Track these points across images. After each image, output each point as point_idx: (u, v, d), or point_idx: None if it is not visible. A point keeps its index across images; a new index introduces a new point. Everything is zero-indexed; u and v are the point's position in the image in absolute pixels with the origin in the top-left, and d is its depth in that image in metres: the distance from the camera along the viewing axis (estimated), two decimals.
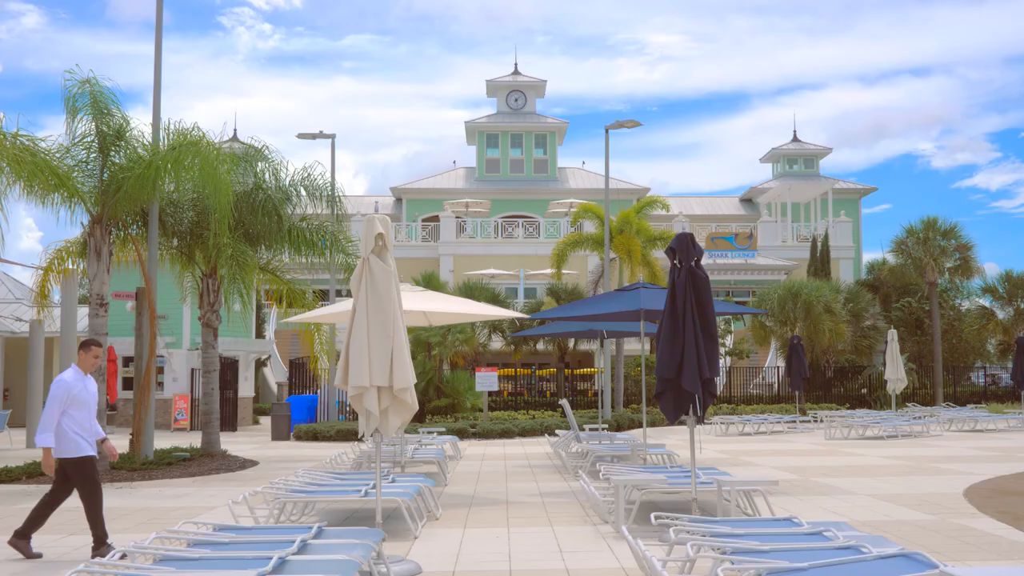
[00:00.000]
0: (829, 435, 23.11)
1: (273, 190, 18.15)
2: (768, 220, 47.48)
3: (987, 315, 38.14)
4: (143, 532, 9.21)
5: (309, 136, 27.68)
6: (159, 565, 5.66)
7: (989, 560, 7.85)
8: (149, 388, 16.27)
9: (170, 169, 14.87)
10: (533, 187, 51.31)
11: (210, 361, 18.38)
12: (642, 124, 26.76)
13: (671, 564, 6.33)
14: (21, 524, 8.41)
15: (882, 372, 29.36)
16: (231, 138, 37.34)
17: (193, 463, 16.27)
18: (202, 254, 17.94)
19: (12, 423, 25.72)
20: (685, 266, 8.59)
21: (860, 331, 36.31)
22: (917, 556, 5.55)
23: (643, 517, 9.31)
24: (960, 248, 37.33)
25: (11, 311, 29.92)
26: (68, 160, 15.05)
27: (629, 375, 33.32)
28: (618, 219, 29.50)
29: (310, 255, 19.20)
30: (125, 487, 13.56)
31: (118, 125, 15.50)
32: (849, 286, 38.61)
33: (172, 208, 17.39)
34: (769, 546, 5.84)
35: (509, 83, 52.65)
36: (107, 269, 15.19)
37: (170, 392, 28.57)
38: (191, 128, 15.82)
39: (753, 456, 17.99)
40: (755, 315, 34.25)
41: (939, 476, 14.23)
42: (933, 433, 24.06)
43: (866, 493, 12.25)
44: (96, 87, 15.28)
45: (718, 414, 29.16)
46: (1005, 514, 10.32)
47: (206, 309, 18.28)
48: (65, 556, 8.34)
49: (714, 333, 8.50)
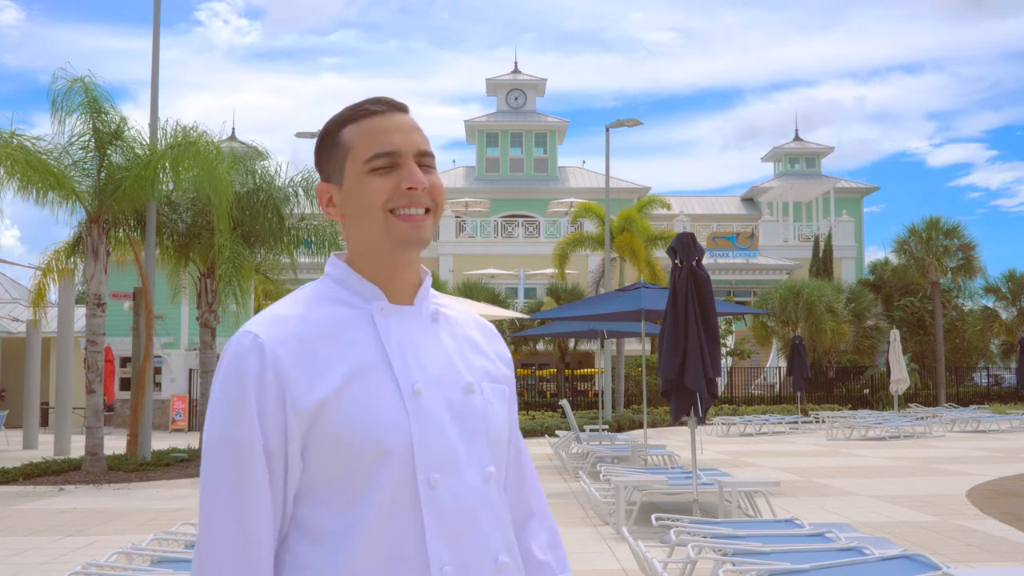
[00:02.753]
0: (831, 436, 23.04)
1: (274, 190, 18.10)
2: (769, 219, 47.41)
3: (990, 315, 38.08)
4: (141, 533, 9.15)
5: (308, 135, 27.61)
6: (157, 566, 5.60)
7: (992, 562, 7.78)
8: (146, 388, 16.22)
9: (169, 169, 14.81)
10: (533, 186, 51.25)
11: (208, 361, 18.32)
12: (642, 123, 26.72)
13: (672, 566, 6.27)
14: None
15: (884, 372, 29.31)
16: (229, 137, 37.25)
17: (191, 464, 16.20)
18: (199, 254, 17.88)
19: (8, 424, 25.67)
20: (686, 266, 8.53)
21: (862, 331, 36.26)
22: (919, 558, 5.49)
23: (644, 518, 9.25)
24: (963, 248, 37.27)
25: (8, 311, 29.88)
26: (65, 159, 15.00)
27: (630, 375, 33.27)
28: (619, 218, 29.43)
29: (311, 255, 19.16)
30: (123, 488, 13.50)
31: (115, 124, 15.43)
32: (851, 286, 38.53)
33: (169, 208, 17.34)
34: (771, 547, 5.78)
35: (509, 82, 52.58)
36: (104, 269, 15.13)
37: (168, 393, 28.51)
38: (190, 127, 15.76)
39: (754, 457, 17.92)
40: (756, 315, 34.19)
41: (942, 477, 14.16)
42: (936, 434, 23.99)
43: (868, 494, 12.19)
44: (91, 85, 15.20)
45: (719, 415, 29.10)
46: (1008, 515, 10.25)
47: (204, 309, 18.22)
48: (62, 557, 8.27)
49: (716, 333, 8.44)
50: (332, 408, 1.39)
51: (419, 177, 1.48)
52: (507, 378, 1.63)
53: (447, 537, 1.41)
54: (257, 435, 1.37)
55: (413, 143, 1.51)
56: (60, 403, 19.73)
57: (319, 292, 1.52)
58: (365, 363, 1.44)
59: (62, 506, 11.63)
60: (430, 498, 1.41)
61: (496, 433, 1.53)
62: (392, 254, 1.50)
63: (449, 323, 1.58)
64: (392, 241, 1.48)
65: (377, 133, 1.50)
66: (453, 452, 1.45)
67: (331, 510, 1.39)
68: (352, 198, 1.51)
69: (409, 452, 1.41)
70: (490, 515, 1.48)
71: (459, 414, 1.48)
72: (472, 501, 1.45)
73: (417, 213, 1.48)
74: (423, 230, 1.49)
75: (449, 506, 1.42)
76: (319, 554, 1.38)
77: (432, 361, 1.49)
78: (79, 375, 24.27)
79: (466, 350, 1.57)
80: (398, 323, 1.50)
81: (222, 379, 1.41)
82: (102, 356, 15.15)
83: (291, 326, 1.44)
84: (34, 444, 21.40)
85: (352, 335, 1.46)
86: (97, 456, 14.71)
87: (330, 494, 1.40)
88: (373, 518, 1.38)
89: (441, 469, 1.43)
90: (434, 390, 1.46)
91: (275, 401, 1.38)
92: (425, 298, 1.56)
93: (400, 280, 1.53)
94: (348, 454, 1.38)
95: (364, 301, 1.51)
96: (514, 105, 52.66)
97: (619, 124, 27.00)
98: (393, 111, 1.53)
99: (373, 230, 1.49)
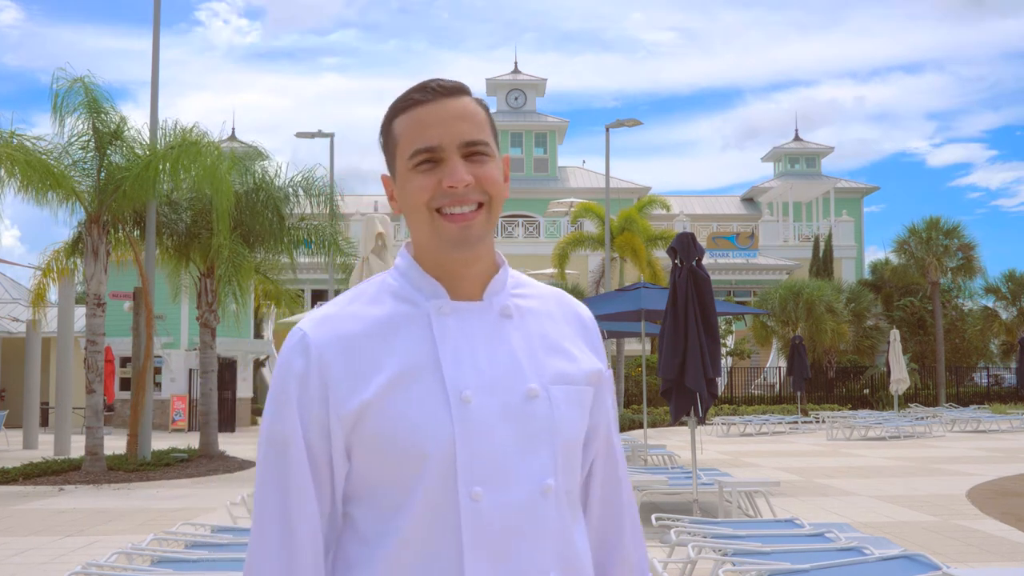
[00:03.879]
0: (831, 436, 23.04)
1: (274, 189, 18.10)
2: (769, 219, 47.40)
3: (990, 315, 38.07)
4: (141, 533, 9.14)
5: (308, 135, 27.62)
6: (156, 567, 5.59)
7: (992, 562, 7.78)
8: (146, 388, 16.21)
9: (169, 169, 14.81)
10: (533, 186, 51.23)
11: (208, 361, 18.32)
12: (642, 123, 26.72)
13: (672, 566, 6.27)
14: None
15: (884, 372, 29.30)
16: (229, 137, 37.28)
17: (191, 464, 16.20)
18: (199, 254, 17.88)
19: (8, 424, 25.66)
20: (686, 266, 8.53)
21: (862, 331, 36.25)
22: (919, 558, 5.49)
23: (644, 518, 9.23)
24: (963, 248, 37.28)
25: (8, 311, 29.88)
26: (65, 159, 15.00)
27: (630, 375, 33.26)
28: (620, 218, 29.44)
29: (311, 255, 19.16)
30: (122, 488, 13.50)
31: (115, 124, 15.43)
32: (851, 286, 38.53)
33: (169, 208, 17.34)
34: (771, 547, 5.78)
35: (509, 82, 52.56)
36: (104, 269, 15.13)
37: (168, 393, 28.49)
38: (190, 127, 15.77)
39: (754, 457, 17.92)
40: (756, 315, 34.18)
41: (942, 477, 14.16)
42: (936, 434, 23.99)
43: (868, 494, 12.18)
44: (91, 85, 15.20)
45: (719, 415, 29.09)
46: (1008, 515, 10.25)
47: (204, 309, 18.22)
48: (62, 557, 8.27)
49: (716, 333, 8.44)
50: (374, 411, 1.35)
51: (459, 175, 1.38)
52: (589, 377, 1.49)
53: (489, 555, 1.34)
54: (299, 433, 1.37)
55: (456, 135, 1.40)
56: (60, 403, 19.73)
57: (382, 286, 1.46)
58: (414, 365, 1.37)
59: (62, 506, 11.63)
60: (471, 512, 1.34)
61: (565, 441, 1.41)
62: (443, 253, 1.42)
63: (525, 319, 1.47)
64: (440, 241, 1.40)
65: (418, 126, 1.41)
66: (503, 464, 1.36)
67: (375, 513, 1.38)
68: (402, 195, 1.44)
69: (451, 462, 1.34)
70: (542, 531, 1.37)
71: (517, 421, 1.38)
72: (520, 517, 1.36)
73: (464, 211, 1.39)
74: (471, 229, 1.40)
75: (492, 522, 1.34)
76: (364, 555, 1.38)
77: (492, 364, 1.40)
78: (79, 375, 24.26)
79: (538, 349, 1.45)
80: (457, 323, 1.41)
81: (273, 377, 1.41)
82: (102, 356, 15.15)
83: (342, 325, 1.40)
84: (34, 444, 21.40)
85: (405, 335, 1.40)
86: (97, 456, 14.71)
87: (374, 498, 1.38)
88: (412, 527, 1.34)
89: (486, 482, 1.35)
90: (488, 396, 1.37)
91: (318, 401, 1.37)
92: (497, 292, 1.46)
93: (464, 275, 1.44)
94: (388, 459, 1.35)
95: (424, 298, 1.43)
96: (514, 105, 52.64)
97: (619, 124, 27.00)
98: (440, 97, 1.42)
99: (422, 229, 1.42)
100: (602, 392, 1.52)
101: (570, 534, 1.42)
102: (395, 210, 1.49)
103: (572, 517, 1.44)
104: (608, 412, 1.54)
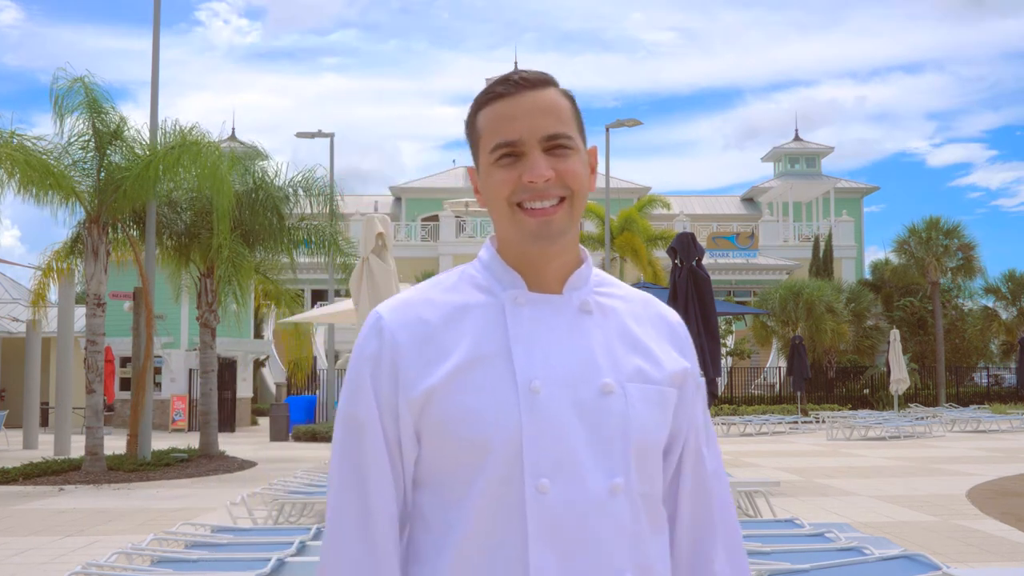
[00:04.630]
0: (831, 436, 23.04)
1: (274, 189, 18.10)
2: (769, 219, 47.40)
3: (990, 315, 38.08)
4: (140, 533, 9.14)
5: (308, 135, 27.62)
6: (156, 567, 5.59)
7: (992, 562, 7.78)
8: (146, 388, 16.21)
9: (170, 169, 14.81)
10: None
11: (208, 361, 18.32)
12: (643, 123, 26.72)
13: None
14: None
15: (884, 372, 29.30)
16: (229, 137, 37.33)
17: (191, 464, 16.20)
18: (199, 254, 17.88)
19: (8, 424, 25.66)
20: (686, 266, 8.53)
21: (862, 331, 36.25)
22: (919, 558, 5.48)
23: None
24: (963, 248, 37.28)
25: (7, 311, 29.87)
26: (65, 159, 15.00)
27: None
28: (620, 218, 29.46)
29: (310, 254, 19.17)
30: (122, 488, 13.50)
31: (115, 124, 15.43)
32: (851, 286, 38.54)
33: (169, 208, 17.34)
34: (771, 547, 5.78)
35: None
36: (104, 269, 15.13)
37: (168, 393, 28.50)
38: (190, 127, 15.77)
39: (754, 457, 17.92)
40: (756, 315, 34.19)
41: (942, 477, 14.16)
42: (936, 434, 23.99)
43: (868, 494, 12.18)
44: (91, 85, 15.20)
45: (719, 415, 29.09)
46: (1008, 515, 10.25)
47: (204, 309, 18.22)
48: (62, 557, 8.27)
49: (716, 333, 8.45)
50: (440, 396, 1.34)
51: (540, 169, 1.37)
52: (672, 377, 1.44)
53: (556, 549, 1.30)
54: (374, 414, 1.37)
55: (537, 129, 1.39)
56: (60, 403, 19.73)
57: (462, 275, 1.46)
58: (485, 353, 1.35)
59: (62, 506, 11.62)
60: (537, 504, 1.30)
61: (639, 441, 1.37)
62: (524, 246, 1.41)
63: (606, 315, 1.44)
64: (521, 235, 1.40)
65: (500, 120, 1.40)
66: (572, 457, 1.32)
67: (442, 501, 1.37)
68: (485, 189, 1.44)
69: (516, 452, 1.31)
70: (614, 532, 1.33)
71: (589, 416, 1.35)
72: (590, 512, 1.32)
73: (545, 206, 1.38)
74: (552, 224, 1.38)
75: (560, 516, 1.31)
76: (430, 544, 1.37)
77: (566, 357, 1.37)
78: (79, 375, 24.25)
79: (617, 346, 1.42)
80: (533, 314, 1.40)
81: (351, 358, 1.42)
82: (102, 356, 15.15)
83: (417, 309, 1.40)
84: (34, 444, 21.40)
85: (479, 323, 1.39)
86: (97, 456, 14.71)
87: (441, 485, 1.37)
88: (476, 517, 1.32)
89: (554, 475, 1.31)
90: (560, 388, 1.34)
91: (389, 384, 1.37)
92: (577, 287, 1.44)
93: (545, 269, 1.43)
94: (453, 446, 1.34)
95: (502, 288, 1.42)
96: None
97: (619, 124, 27.00)
98: (523, 90, 1.41)
99: (502, 223, 1.42)
100: (688, 395, 1.48)
101: (646, 542, 1.38)
102: (480, 203, 1.49)
103: (650, 525, 1.39)
104: (696, 419, 1.50)
